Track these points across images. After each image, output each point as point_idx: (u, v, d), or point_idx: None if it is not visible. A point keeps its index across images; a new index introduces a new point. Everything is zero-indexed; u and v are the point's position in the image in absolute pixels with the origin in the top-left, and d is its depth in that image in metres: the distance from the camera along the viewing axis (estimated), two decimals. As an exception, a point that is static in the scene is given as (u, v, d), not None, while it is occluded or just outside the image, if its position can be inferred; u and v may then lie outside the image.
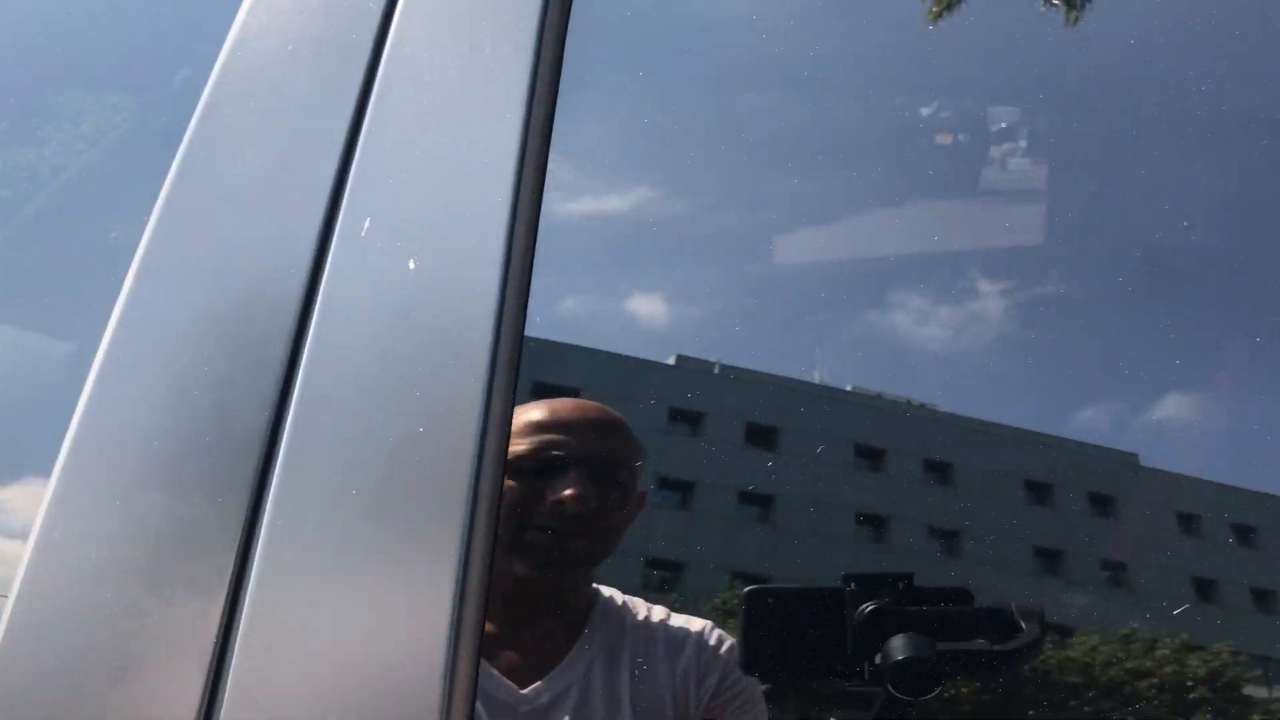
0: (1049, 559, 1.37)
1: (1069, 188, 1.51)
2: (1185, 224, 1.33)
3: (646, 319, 1.37)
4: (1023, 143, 1.46)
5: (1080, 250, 1.46)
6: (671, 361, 1.47)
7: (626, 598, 1.04)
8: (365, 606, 0.53)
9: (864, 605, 0.81)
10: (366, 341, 0.61)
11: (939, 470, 1.48)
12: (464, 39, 0.74)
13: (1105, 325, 1.37)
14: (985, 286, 1.43)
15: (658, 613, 1.03)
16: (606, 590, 1.04)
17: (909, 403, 1.50)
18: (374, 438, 0.57)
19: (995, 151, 1.46)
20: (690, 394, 1.56)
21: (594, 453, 1.04)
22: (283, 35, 0.74)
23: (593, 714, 0.93)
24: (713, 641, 1.00)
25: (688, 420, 1.59)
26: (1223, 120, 1.40)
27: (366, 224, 0.66)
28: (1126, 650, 1.32)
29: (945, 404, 1.48)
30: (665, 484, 1.56)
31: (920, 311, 1.45)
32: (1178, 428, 1.35)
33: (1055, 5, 1.43)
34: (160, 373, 0.60)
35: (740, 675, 0.97)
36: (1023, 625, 0.78)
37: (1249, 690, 1.34)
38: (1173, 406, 1.34)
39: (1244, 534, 1.40)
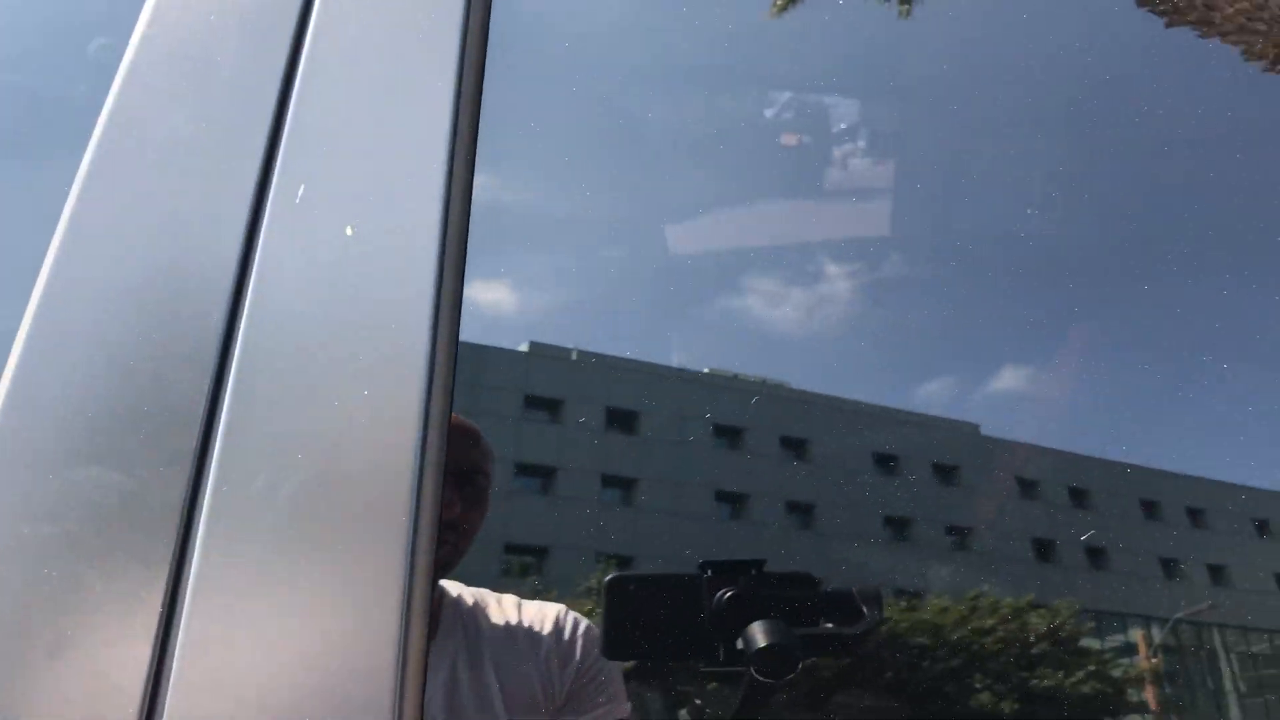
0: (899, 526, 1.42)
1: (910, 178, 1.55)
2: (1027, 211, 1.38)
3: (491, 306, 1.35)
4: (865, 137, 1.49)
5: (921, 237, 1.51)
6: (524, 349, 1.45)
7: (475, 594, 1.01)
8: (314, 573, 0.52)
9: (722, 592, 0.82)
10: (306, 307, 0.60)
11: (794, 446, 1.51)
12: (394, 1, 0.73)
13: (945, 306, 1.42)
14: (833, 271, 1.47)
15: (509, 604, 1.01)
16: (453, 590, 1.01)
17: (764, 382, 1.52)
18: (317, 403, 0.56)
19: (841, 144, 1.49)
20: (546, 380, 1.54)
21: (451, 460, 1.01)
22: (205, 1, 0.72)
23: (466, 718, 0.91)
24: (570, 625, 0.99)
25: (545, 406, 1.58)
26: (1055, 112, 1.45)
27: (301, 190, 0.65)
28: (973, 610, 1.38)
29: (798, 382, 1.51)
30: (525, 470, 1.54)
31: (773, 295, 1.47)
32: (1014, 399, 1.41)
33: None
34: (93, 344, 0.58)
35: (599, 655, 0.97)
36: (864, 610, 0.81)
37: (1085, 642, 1.42)
38: (1009, 379, 1.40)
39: (1078, 496, 1.47)
